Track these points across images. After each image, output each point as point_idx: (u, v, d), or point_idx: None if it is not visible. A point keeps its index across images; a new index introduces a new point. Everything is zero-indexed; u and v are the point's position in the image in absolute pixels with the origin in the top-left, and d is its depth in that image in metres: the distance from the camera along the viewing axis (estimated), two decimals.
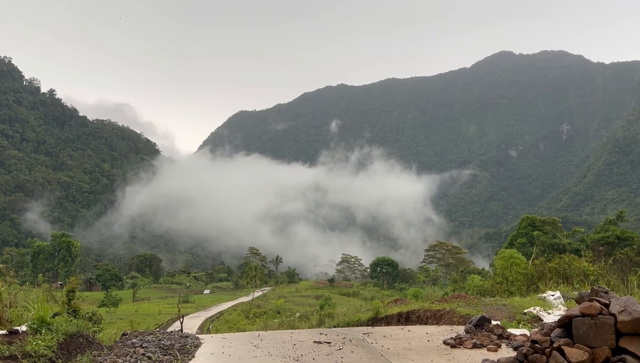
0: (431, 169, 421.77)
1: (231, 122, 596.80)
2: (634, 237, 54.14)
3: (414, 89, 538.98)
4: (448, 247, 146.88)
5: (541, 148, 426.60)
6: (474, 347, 10.19)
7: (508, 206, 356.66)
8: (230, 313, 76.97)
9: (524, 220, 72.51)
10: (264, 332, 17.13)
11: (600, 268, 24.12)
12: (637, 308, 6.72)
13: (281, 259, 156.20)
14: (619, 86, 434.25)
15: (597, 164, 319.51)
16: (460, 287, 43.73)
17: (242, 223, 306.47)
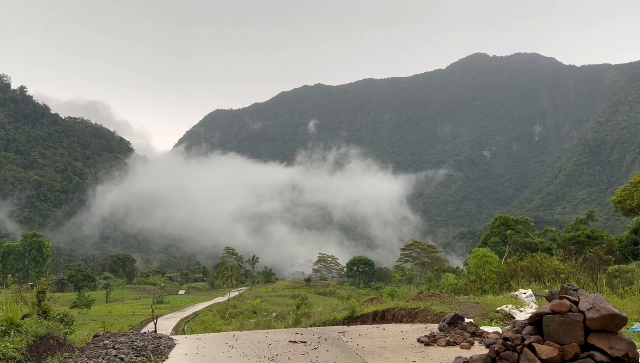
0: (407, 168, 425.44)
1: (207, 121, 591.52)
2: (604, 236, 55.47)
3: (390, 90, 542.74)
4: (423, 246, 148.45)
5: (514, 148, 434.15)
6: (448, 345, 10.32)
7: (482, 205, 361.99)
8: (205, 313, 76.21)
9: (497, 219, 73.57)
10: (239, 332, 17.03)
11: (571, 267, 24.69)
12: (605, 306, 6.89)
13: (258, 259, 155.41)
14: (589, 89, 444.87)
15: (568, 165, 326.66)
16: (435, 286, 44.18)
17: (218, 222, 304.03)
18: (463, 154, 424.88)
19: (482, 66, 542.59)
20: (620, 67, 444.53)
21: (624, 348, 6.79)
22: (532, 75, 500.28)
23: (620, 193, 44.67)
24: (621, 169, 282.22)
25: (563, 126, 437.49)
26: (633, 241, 49.96)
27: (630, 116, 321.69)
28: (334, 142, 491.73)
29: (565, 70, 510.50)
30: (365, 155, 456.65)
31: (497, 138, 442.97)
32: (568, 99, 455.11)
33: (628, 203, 42.74)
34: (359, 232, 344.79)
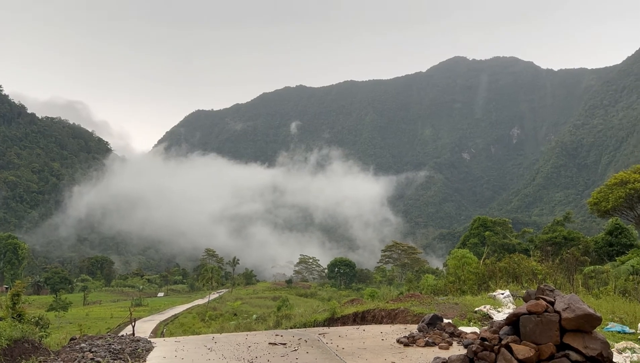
0: (388, 170, 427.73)
1: (187, 122, 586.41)
2: (580, 237, 56.45)
3: (371, 92, 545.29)
4: (404, 247, 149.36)
5: (492, 151, 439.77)
6: (427, 345, 10.39)
7: (461, 207, 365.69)
8: (185, 316, 75.60)
9: (476, 221, 74.29)
10: (219, 334, 16.91)
11: (548, 268, 25.10)
12: (580, 306, 7.02)
13: (238, 260, 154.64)
14: (566, 92, 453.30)
15: (545, 167, 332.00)
16: (415, 287, 44.47)
17: (198, 224, 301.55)
18: (443, 157, 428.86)
19: (462, 69, 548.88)
20: (596, 71, 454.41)
21: (598, 347, 6.92)
22: (511, 79, 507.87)
23: (596, 195, 45.56)
24: (597, 172, 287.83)
25: (541, 129, 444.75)
26: (608, 242, 50.94)
27: (606, 119, 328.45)
28: (315, 143, 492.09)
29: (543, 74, 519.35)
30: (346, 157, 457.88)
31: (476, 140, 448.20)
32: (545, 102, 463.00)
33: (603, 205, 43.62)
34: (341, 233, 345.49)
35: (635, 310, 14.25)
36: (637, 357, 9.88)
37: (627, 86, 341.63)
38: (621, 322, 13.03)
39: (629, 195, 41.90)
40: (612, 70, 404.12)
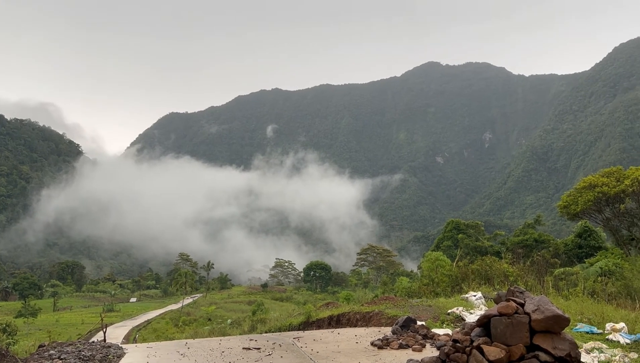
0: (364, 174, 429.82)
1: (161, 124, 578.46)
2: (550, 240, 57.57)
3: (347, 96, 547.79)
4: (379, 250, 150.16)
5: (465, 155, 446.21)
6: (400, 348, 10.46)
7: (435, 210, 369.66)
8: (158, 321, 74.55)
9: (449, 224, 75.06)
10: (192, 339, 16.69)
11: (519, 270, 25.54)
12: (549, 307, 7.16)
13: (213, 265, 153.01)
14: (537, 98, 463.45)
15: (516, 171, 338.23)
16: (389, 289, 44.75)
17: (171, 228, 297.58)
18: (417, 160, 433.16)
19: (436, 74, 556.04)
20: (565, 77, 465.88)
21: (566, 348, 7.06)
22: (483, 84, 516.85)
23: (565, 198, 46.48)
24: (567, 176, 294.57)
25: (512, 134, 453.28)
26: (578, 244, 52.08)
27: (575, 124, 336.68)
28: (291, 147, 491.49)
29: (515, 80, 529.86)
30: (322, 160, 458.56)
31: (449, 144, 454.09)
32: (517, 107, 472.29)
33: (573, 208, 44.54)
34: (317, 237, 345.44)
35: (603, 311, 14.58)
36: (605, 357, 10.11)
37: (595, 92, 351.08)
38: (589, 323, 13.31)
39: (598, 198, 42.91)
40: (581, 76, 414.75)
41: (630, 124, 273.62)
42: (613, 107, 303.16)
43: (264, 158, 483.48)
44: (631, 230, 44.85)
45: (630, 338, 11.45)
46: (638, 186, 40.30)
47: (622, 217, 44.15)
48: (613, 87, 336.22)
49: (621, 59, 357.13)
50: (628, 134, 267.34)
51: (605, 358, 10.01)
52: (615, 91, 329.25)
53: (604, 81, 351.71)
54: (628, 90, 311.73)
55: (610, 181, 42.72)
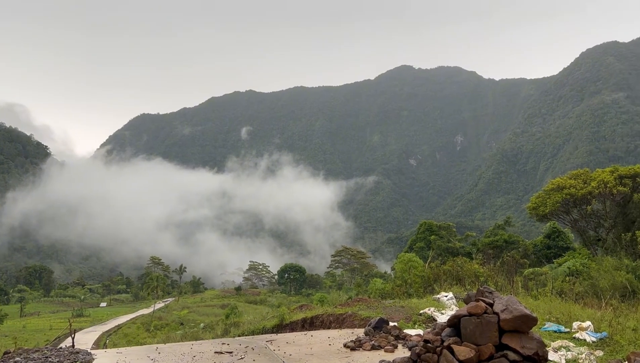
0: (338, 176, 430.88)
1: (132, 125, 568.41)
2: (520, 241, 58.70)
3: (321, 98, 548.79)
4: (353, 252, 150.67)
5: (438, 157, 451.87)
6: (373, 349, 10.49)
7: (408, 212, 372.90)
8: (129, 326, 73.35)
9: (422, 225, 75.75)
10: (163, 344, 16.43)
11: (490, 270, 25.92)
12: (517, 307, 7.27)
13: (185, 268, 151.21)
14: (507, 101, 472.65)
15: (487, 173, 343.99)
16: (363, 291, 44.89)
17: (142, 231, 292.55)
18: (391, 163, 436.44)
19: (409, 77, 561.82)
20: (534, 81, 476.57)
21: (534, 347, 7.18)
22: (455, 88, 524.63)
23: (534, 200, 47.39)
24: (535, 178, 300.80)
25: (483, 137, 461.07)
26: (546, 245, 53.27)
27: (544, 127, 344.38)
28: (266, 149, 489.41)
29: (485, 83, 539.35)
30: (297, 162, 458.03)
31: (422, 147, 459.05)
32: (487, 111, 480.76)
33: (542, 210, 45.44)
34: (292, 239, 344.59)
35: (571, 310, 14.90)
36: (572, 355, 10.33)
37: (563, 96, 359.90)
38: (557, 322, 13.59)
39: (565, 200, 43.89)
40: (550, 80, 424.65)
41: (596, 127, 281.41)
42: (580, 111, 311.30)
43: (238, 160, 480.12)
44: (597, 231, 46.06)
45: (596, 337, 11.73)
46: (604, 188, 41.39)
47: (589, 218, 45.28)
48: (580, 91, 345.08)
49: (588, 64, 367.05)
50: (595, 137, 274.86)
51: (572, 357, 10.23)
52: (582, 95, 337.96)
53: (571, 86, 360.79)
54: (594, 94, 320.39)
55: (578, 183, 43.77)
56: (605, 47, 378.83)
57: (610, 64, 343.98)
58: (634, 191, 41.17)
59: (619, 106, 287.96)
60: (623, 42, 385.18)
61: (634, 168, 42.77)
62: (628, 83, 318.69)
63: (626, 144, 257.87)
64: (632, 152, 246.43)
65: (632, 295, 19.41)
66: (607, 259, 26.30)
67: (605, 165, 56.59)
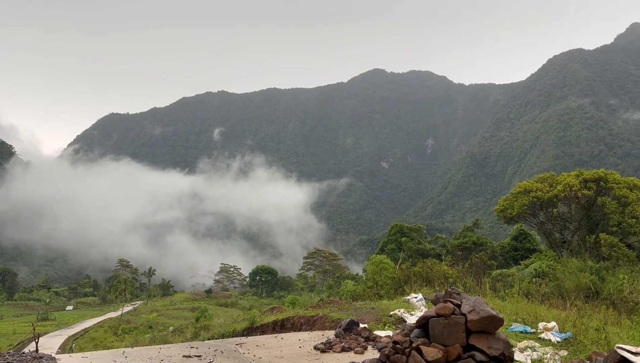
0: (311, 177, 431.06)
1: (101, 125, 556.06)
2: (488, 242, 59.73)
3: (294, 100, 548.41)
4: (325, 254, 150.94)
5: (409, 160, 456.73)
6: (343, 351, 10.49)
7: (380, 214, 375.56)
8: (96, 330, 71.75)
9: (393, 227, 76.24)
10: (130, 348, 16.09)
11: (458, 271, 26.28)
12: (484, 308, 7.38)
13: (154, 271, 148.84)
14: (476, 106, 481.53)
15: (457, 176, 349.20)
16: (335, 293, 44.94)
17: (110, 233, 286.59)
18: (363, 165, 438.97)
19: (381, 81, 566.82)
20: (503, 87, 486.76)
21: (500, 347, 7.30)
22: (426, 92, 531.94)
23: (502, 202, 48.30)
24: (504, 181, 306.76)
25: (453, 140, 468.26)
26: (514, 247, 54.33)
27: (512, 132, 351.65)
28: (238, 150, 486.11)
29: (455, 88, 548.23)
30: (270, 163, 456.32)
31: (394, 150, 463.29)
32: (457, 115, 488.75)
33: (509, 212, 46.35)
34: (264, 241, 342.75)
35: (537, 311, 15.20)
36: (537, 355, 10.53)
37: (531, 101, 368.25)
38: (524, 323, 13.84)
39: (532, 203, 44.88)
40: (518, 86, 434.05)
41: (562, 132, 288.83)
42: (547, 116, 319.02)
43: (209, 161, 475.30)
44: (563, 233, 47.23)
45: (561, 337, 12.00)
46: (570, 192, 42.49)
47: (555, 221, 46.41)
48: (547, 96, 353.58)
49: (555, 70, 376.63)
50: (561, 141, 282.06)
51: (538, 357, 10.42)
52: (549, 101, 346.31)
53: (538, 91, 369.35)
54: (561, 100, 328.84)
55: (544, 186, 44.81)
56: (571, 54, 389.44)
57: (576, 70, 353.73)
58: (598, 195, 42.40)
59: (584, 112, 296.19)
60: (588, 50, 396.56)
61: (597, 172, 44.04)
62: (593, 89, 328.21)
63: (591, 149, 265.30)
64: (596, 156, 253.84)
65: (595, 295, 19.91)
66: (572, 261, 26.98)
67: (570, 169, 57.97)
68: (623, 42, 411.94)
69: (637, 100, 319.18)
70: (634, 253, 39.01)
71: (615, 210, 40.32)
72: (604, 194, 42.44)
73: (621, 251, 37.08)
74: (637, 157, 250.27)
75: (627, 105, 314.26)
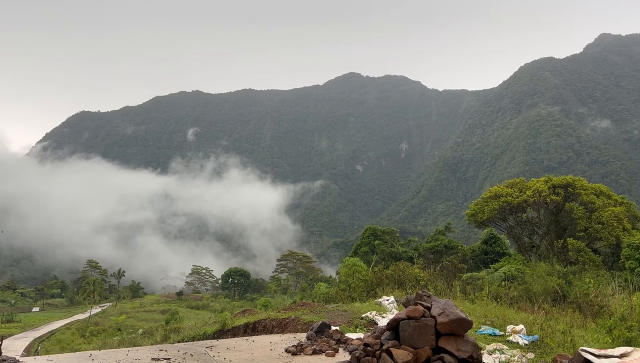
0: (285, 179, 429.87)
1: (71, 123, 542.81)
2: (459, 246, 60.55)
3: (270, 102, 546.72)
4: (299, 256, 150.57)
5: (383, 163, 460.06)
6: (314, 353, 10.47)
7: (354, 217, 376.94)
8: (63, 332, 70.09)
9: (367, 230, 76.68)
10: (98, 351, 15.74)
11: (430, 274, 26.55)
12: (453, 311, 7.46)
13: (124, 272, 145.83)
14: (449, 111, 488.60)
15: (430, 181, 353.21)
16: (308, 295, 44.87)
17: (78, 233, 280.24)
18: (338, 168, 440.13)
19: (356, 84, 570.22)
20: (475, 93, 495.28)
21: (469, 350, 7.39)
22: (400, 96, 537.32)
23: (473, 207, 49.08)
24: (475, 186, 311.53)
25: (426, 145, 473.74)
26: (484, 250, 55.14)
27: (483, 138, 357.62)
28: (212, 150, 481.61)
29: (429, 93, 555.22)
30: (244, 165, 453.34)
31: (368, 153, 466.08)
32: (431, 120, 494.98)
33: (480, 216, 47.12)
34: (238, 242, 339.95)
35: (505, 314, 15.44)
36: (505, 357, 10.69)
37: (502, 108, 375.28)
38: (492, 325, 14.04)
39: (502, 207, 45.73)
40: (490, 92, 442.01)
41: (532, 139, 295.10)
42: (518, 123, 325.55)
43: (183, 162, 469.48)
44: (532, 238, 48.23)
45: (528, 339, 12.21)
46: (539, 197, 43.43)
47: (524, 225, 47.37)
48: (518, 104, 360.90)
49: (526, 78, 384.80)
50: (531, 148, 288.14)
51: (506, 359, 10.58)
52: (520, 108, 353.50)
53: (510, 98, 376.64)
54: (531, 107, 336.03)
55: (514, 191, 45.71)
56: (542, 63, 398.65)
57: (546, 78, 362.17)
58: (566, 200, 43.44)
59: (554, 119, 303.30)
60: (558, 59, 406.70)
61: (566, 178, 45.18)
62: (562, 97, 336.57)
63: (559, 155, 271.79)
64: (564, 163, 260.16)
65: (562, 299, 20.31)
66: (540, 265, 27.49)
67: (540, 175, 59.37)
68: (592, 52, 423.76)
69: (604, 109, 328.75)
70: (600, 257, 40.09)
71: (583, 216, 41.39)
72: (571, 200, 43.52)
73: (587, 255, 38.06)
74: (604, 164, 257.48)
75: (595, 113, 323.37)
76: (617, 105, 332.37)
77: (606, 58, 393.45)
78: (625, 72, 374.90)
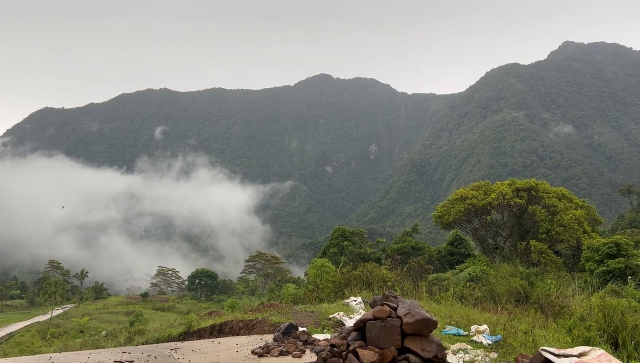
0: (255, 179, 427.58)
1: (34, 119, 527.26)
2: (426, 247, 61.45)
3: (240, 101, 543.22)
4: (267, 257, 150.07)
5: (353, 165, 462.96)
6: (281, 355, 10.42)
7: (323, 218, 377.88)
8: (22, 334, 68.01)
9: (336, 231, 76.98)
10: (58, 353, 15.28)
11: (397, 275, 26.79)
12: (419, 311, 7.55)
13: (87, 273, 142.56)
14: (417, 114, 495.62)
15: (398, 183, 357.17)
16: (276, 296, 44.73)
17: (39, 232, 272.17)
18: (308, 169, 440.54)
19: (327, 86, 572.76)
20: (443, 97, 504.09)
21: (434, 350, 7.49)
22: (370, 99, 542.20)
23: (439, 209, 49.84)
24: (442, 188, 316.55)
25: (395, 147, 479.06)
26: (450, 252, 56.11)
27: (450, 141, 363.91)
28: (180, 149, 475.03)
29: (398, 96, 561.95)
30: (213, 164, 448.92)
31: (338, 154, 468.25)
32: (399, 123, 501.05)
33: (446, 218, 47.88)
34: (206, 243, 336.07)
35: (470, 314, 15.70)
36: (469, 357, 10.88)
37: (469, 112, 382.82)
38: (457, 325, 14.26)
39: (468, 209, 46.58)
40: (457, 97, 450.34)
41: (497, 143, 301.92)
42: (484, 127, 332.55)
43: (150, 160, 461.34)
44: (496, 239, 49.27)
45: (492, 339, 12.45)
46: (503, 200, 44.42)
47: (489, 227, 48.36)
48: (484, 108, 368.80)
49: (492, 83, 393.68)
50: (496, 152, 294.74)
51: (469, 359, 10.76)
52: (485, 112, 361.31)
53: (476, 103, 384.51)
54: (497, 112, 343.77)
55: (479, 194, 46.62)
56: (507, 68, 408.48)
57: (511, 84, 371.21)
58: (529, 203, 44.56)
59: (518, 124, 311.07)
60: (523, 65, 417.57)
61: (529, 182, 46.34)
62: (527, 103, 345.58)
63: (523, 159, 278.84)
64: (528, 167, 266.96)
65: (525, 300, 20.77)
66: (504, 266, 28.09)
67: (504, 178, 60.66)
68: (556, 59, 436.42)
69: (567, 114, 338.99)
70: (561, 259, 41.28)
71: (545, 218, 42.52)
72: (534, 203, 44.67)
73: (549, 257, 39.13)
74: (566, 168, 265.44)
75: (558, 119, 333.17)
76: (579, 111, 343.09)
77: (569, 65, 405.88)
78: (587, 79, 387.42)
